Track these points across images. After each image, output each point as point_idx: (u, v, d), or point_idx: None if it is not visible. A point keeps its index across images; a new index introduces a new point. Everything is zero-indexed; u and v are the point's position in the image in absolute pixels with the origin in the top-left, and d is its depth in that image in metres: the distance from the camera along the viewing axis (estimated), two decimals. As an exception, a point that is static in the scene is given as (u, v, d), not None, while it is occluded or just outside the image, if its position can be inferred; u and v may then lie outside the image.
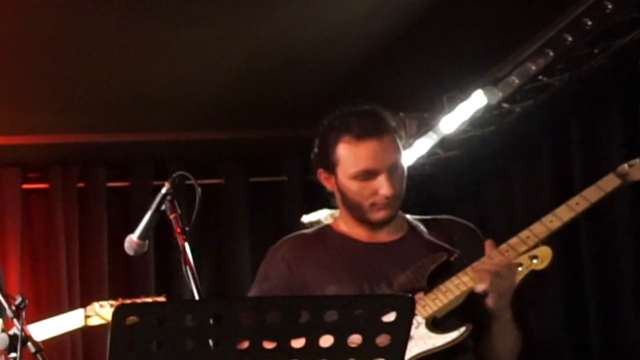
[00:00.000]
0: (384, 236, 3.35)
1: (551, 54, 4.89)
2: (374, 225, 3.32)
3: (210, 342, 2.25)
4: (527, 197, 5.82)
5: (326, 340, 2.29)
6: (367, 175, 3.23)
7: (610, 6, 4.47)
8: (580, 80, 5.06)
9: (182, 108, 6.22)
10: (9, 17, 4.81)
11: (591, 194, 3.32)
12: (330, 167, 3.31)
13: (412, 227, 3.37)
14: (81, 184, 6.88)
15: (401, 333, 2.33)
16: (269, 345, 2.27)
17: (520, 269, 3.21)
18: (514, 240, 3.24)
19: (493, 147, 5.92)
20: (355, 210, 3.32)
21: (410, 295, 2.95)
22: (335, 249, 3.35)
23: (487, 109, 5.37)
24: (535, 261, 3.24)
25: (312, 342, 2.27)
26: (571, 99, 5.29)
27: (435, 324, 3.19)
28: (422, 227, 3.36)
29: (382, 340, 2.32)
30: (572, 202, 3.33)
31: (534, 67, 5.03)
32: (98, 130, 6.52)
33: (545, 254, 3.24)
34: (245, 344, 2.25)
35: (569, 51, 4.84)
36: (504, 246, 3.23)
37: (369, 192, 3.25)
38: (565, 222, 3.28)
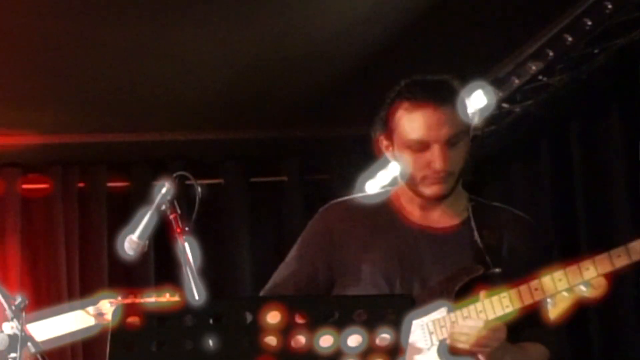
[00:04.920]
0: (437, 218, 3.22)
1: (551, 54, 4.89)
2: (428, 201, 3.19)
3: (210, 342, 2.26)
4: (527, 197, 5.82)
5: (326, 340, 2.29)
6: (421, 145, 3.10)
7: (610, 6, 4.47)
8: (580, 80, 5.06)
9: (182, 108, 6.22)
10: (9, 17, 4.81)
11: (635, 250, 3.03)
12: (389, 133, 3.17)
13: (467, 218, 3.23)
14: (81, 184, 6.88)
15: (401, 333, 2.33)
16: (269, 344, 2.27)
17: (566, 294, 3.07)
18: (546, 280, 3.07)
19: (493, 147, 5.92)
20: (410, 182, 3.17)
21: (409, 295, 2.94)
22: (381, 231, 3.23)
23: (487, 109, 5.36)
24: (585, 288, 3.07)
25: (312, 342, 2.27)
26: (571, 99, 5.28)
27: (448, 350, 3.12)
28: (478, 220, 3.22)
29: (382, 340, 2.32)
30: (615, 253, 3.06)
31: (534, 67, 5.03)
32: (98, 130, 6.52)
33: (599, 282, 3.05)
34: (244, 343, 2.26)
35: (569, 51, 4.84)
36: (534, 282, 3.08)
37: (421, 164, 3.11)
38: (600, 274, 3.04)
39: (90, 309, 4.47)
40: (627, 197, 4.94)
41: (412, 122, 3.10)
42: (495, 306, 3.10)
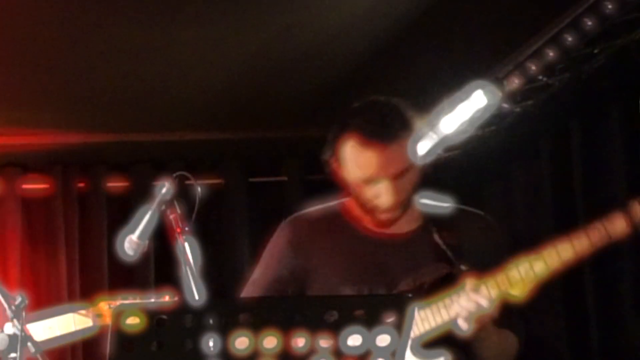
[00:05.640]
0: (395, 226, 3.27)
1: (551, 54, 4.88)
2: (380, 222, 3.26)
3: (210, 342, 2.26)
4: (527, 197, 5.82)
5: (326, 341, 2.29)
6: (368, 182, 3.16)
7: (610, 6, 4.47)
8: (580, 80, 5.06)
9: (182, 108, 6.22)
10: (9, 17, 4.81)
11: (595, 233, 3.16)
12: (338, 161, 3.25)
13: (425, 222, 3.29)
14: (81, 184, 6.88)
15: (401, 333, 2.33)
16: (268, 344, 2.27)
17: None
18: (512, 271, 3.15)
19: (493, 147, 5.92)
20: (361, 206, 3.25)
21: (410, 295, 2.95)
22: (343, 241, 3.29)
23: (487, 109, 5.36)
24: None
25: (312, 342, 2.27)
26: (571, 99, 5.28)
27: (420, 346, 3.17)
28: (435, 222, 3.28)
29: (382, 340, 2.32)
30: (575, 238, 3.17)
31: (534, 67, 5.03)
32: (98, 130, 6.52)
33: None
34: (245, 344, 2.26)
35: (569, 51, 4.84)
36: (501, 276, 3.16)
37: (370, 197, 3.19)
38: (564, 261, 3.16)
39: (89, 310, 4.47)
40: (627, 197, 4.93)
41: (361, 160, 3.16)
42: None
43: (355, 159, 3.17)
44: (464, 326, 3.10)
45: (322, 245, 3.29)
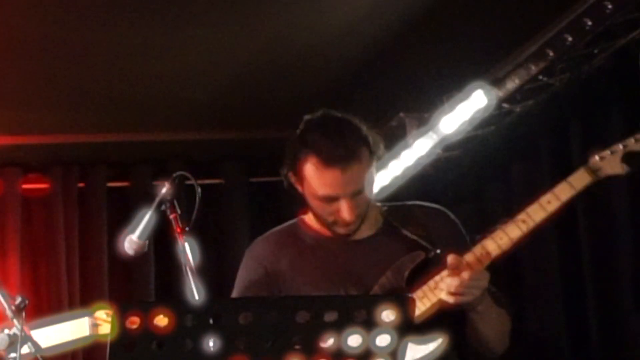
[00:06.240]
0: (356, 234, 3.35)
1: (551, 54, 4.88)
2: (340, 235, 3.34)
3: (211, 342, 2.26)
4: (527, 197, 5.80)
5: (326, 341, 2.29)
6: (329, 199, 3.25)
7: (610, 6, 4.47)
8: (580, 80, 5.06)
9: (182, 108, 6.22)
10: (9, 17, 4.81)
11: (563, 192, 3.29)
12: (298, 177, 3.32)
13: (386, 221, 3.37)
14: (81, 184, 6.88)
15: (401, 333, 2.33)
16: (268, 345, 2.27)
17: None
18: (487, 242, 3.23)
19: (493, 147, 5.91)
20: (320, 220, 3.35)
21: (410, 295, 2.96)
22: (309, 250, 3.37)
23: (487, 109, 5.36)
24: None
25: (312, 342, 2.27)
26: (571, 99, 5.28)
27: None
28: (397, 220, 3.36)
29: (382, 340, 2.32)
30: (544, 199, 3.30)
31: (534, 67, 5.03)
32: (98, 130, 6.52)
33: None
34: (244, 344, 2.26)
35: (569, 51, 4.83)
36: (477, 247, 3.22)
37: (330, 212, 3.27)
38: (538, 222, 3.26)
39: (87, 319, 4.47)
40: (627, 196, 4.93)
41: (320, 181, 3.23)
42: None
43: (316, 179, 3.25)
44: (450, 300, 3.17)
45: (290, 258, 3.36)
